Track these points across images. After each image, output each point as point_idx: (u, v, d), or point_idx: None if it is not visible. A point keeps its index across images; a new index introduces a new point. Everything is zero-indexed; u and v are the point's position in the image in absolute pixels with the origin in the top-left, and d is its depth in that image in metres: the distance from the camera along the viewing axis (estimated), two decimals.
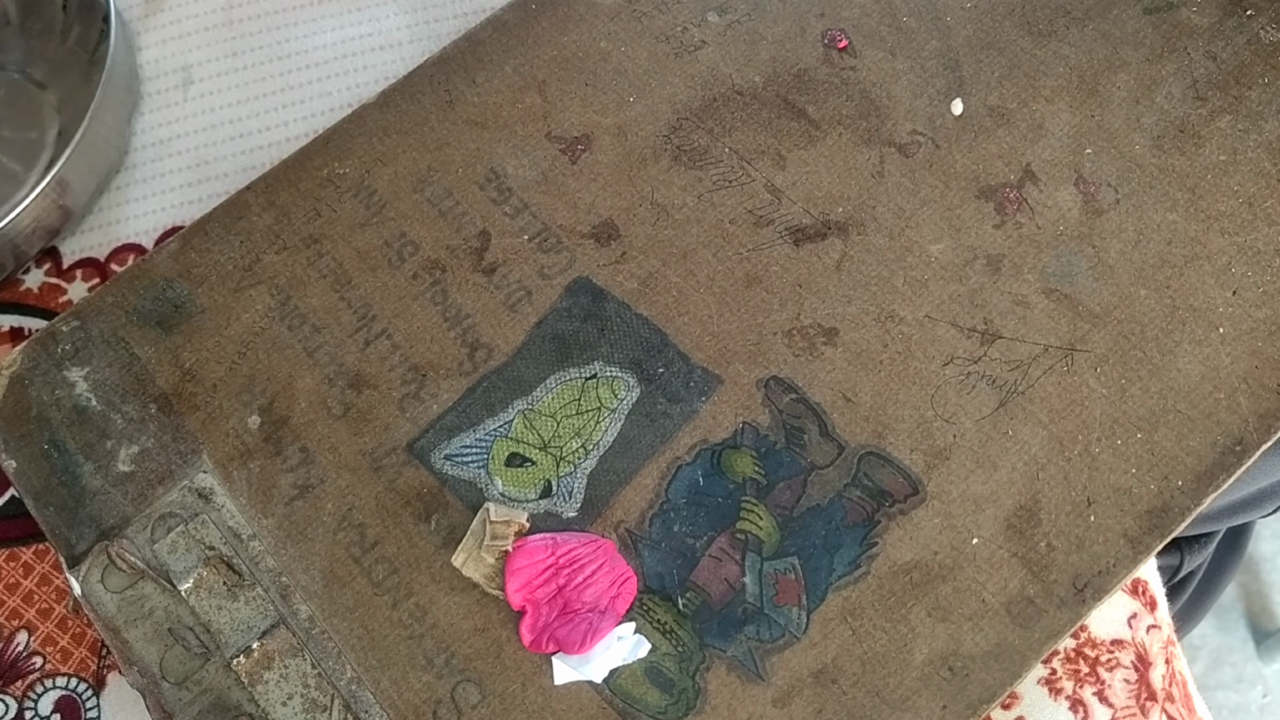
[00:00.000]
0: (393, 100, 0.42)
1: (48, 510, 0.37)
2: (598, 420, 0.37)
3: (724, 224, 0.39)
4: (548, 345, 0.38)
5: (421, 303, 0.39)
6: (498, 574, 0.35)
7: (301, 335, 0.39)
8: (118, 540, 0.36)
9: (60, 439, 0.37)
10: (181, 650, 0.35)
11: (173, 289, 0.40)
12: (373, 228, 0.40)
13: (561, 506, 0.36)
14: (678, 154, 0.41)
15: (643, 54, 0.43)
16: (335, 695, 0.34)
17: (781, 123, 0.41)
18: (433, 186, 0.41)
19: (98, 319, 0.39)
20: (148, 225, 0.45)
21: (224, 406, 0.38)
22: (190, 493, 0.36)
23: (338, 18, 0.48)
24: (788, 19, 0.43)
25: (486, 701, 0.33)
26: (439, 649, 0.34)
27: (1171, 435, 0.35)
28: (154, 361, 0.39)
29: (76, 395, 0.38)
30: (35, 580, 0.39)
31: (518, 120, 0.42)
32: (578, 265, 0.39)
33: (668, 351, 0.38)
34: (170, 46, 0.48)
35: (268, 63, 0.47)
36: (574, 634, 0.33)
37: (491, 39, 0.43)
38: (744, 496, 0.35)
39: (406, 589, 0.35)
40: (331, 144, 0.42)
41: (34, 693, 0.37)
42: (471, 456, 0.37)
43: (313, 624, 0.35)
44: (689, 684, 0.33)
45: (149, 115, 0.47)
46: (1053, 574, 0.34)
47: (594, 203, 0.40)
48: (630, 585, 0.34)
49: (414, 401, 0.37)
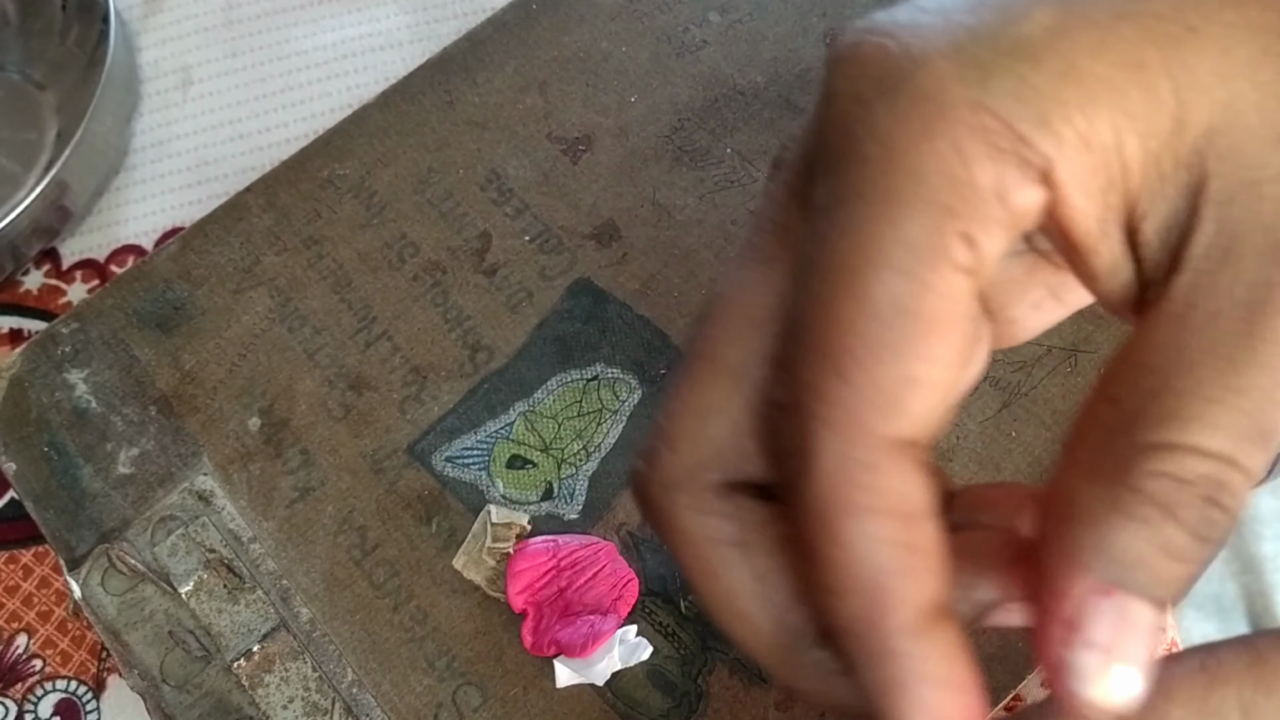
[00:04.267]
0: (393, 100, 0.42)
1: (47, 513, 0.36)
2: (599, 422, 0.37)
3: (726, 225, 0.39)
4: (549, 347, 0.38)
5: (422, 304, 0.39)
6: (499, 576, 0.34)
7: (302, 337, 0.39)
8: (118, 543, 0.36)
9: (60, 441, 0.37)
10: (182, 653, 0.35)
11: (172, 291, 0.40)
12: (373, 229, 0.40)
13: (563, 509, 0.36)
14: (679, 154, 0.41)
15: (644, 54, 0.43)
16: (336, 698, 0.34)
17: (784, 123, 0.41)
18: (433, 187, 0.41)
19: (97, 321, 0.39)
20: (147, 226, 0.45)
21: (224, 409, 0.38)
22: (190, 495, 0.36)
23: (338, 18, 0.48)
24: (790, 19, 0.43)
25: (488, 705, 0.33)
26: (440, 652, 0.34)
27: None
28: (154, 363, 0.38)
29: (76, 397, 0.38)
30: (35, 583, 0.39)
31: (519, 121, 0.42)
32: (579, 266, 0.39)
33: (669, 353, 0.37)
34: (170, 47, 0.48)
35: (268, 63, 0.47)
36: (576, 637, 0.33)
37: (492, 39, 0.43)
38: None
39: (407, 592, 0.35)
40: (331, 145, 0.42)
41: (34, 696, 0.37)
42: (472, 459, 0.36)
43: (314, 627, 0.35)
44: (691, 687, 0.33)
45: (149, 116, 0.46)
46: None
47: (595, 203, 0.40)
48: (632, 588, 0.34)
49: (415, 403, 0.37)
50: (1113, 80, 0.15)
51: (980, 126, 0.15)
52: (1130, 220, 0.16)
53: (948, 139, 0.15)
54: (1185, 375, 0.15)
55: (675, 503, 0.17)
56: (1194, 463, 0.15)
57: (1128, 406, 0.15)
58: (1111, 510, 0.15)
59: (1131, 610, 0.15)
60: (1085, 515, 0.15)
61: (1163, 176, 0.15)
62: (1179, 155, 0.15)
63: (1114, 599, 0.15)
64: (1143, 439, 0.15)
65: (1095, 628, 0.15)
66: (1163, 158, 0.15)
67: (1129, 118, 0.15)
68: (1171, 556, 0.15)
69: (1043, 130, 0.15)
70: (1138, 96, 0.15)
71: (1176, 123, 0.15)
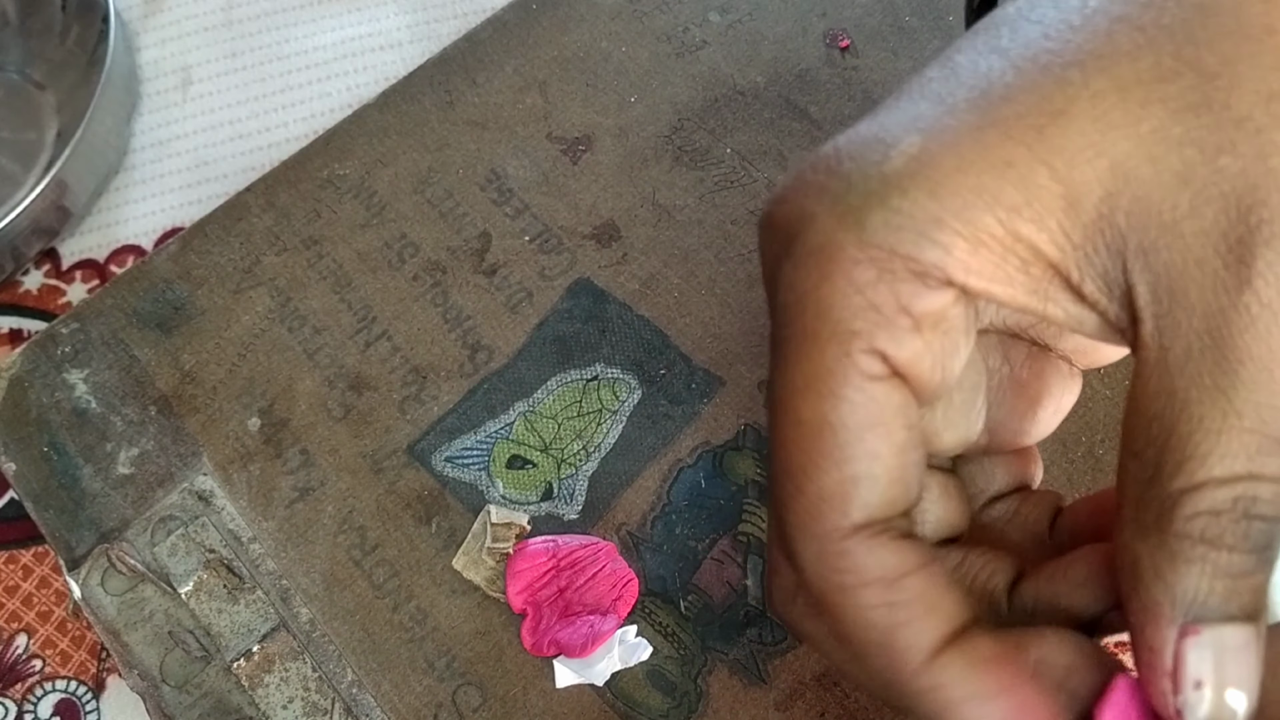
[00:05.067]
0: (393, 101, 0.42)
1: (47, 513, 0.36)
2: (599, 422, 0.37)
3: (726, 225, 0.39)
4: (549, 347, 0.38)
5: (422, 304, 0.39)
6: (499, 577, 0.34)
7: (302, 337, 0.39)
8: (118, 543, 0.36)
9: (60, 441, 0.37)
10: (182, 653, 0.35)
11: (172, 291, 0.40)
12: (373, 229, 0.40)
13: (563, 509, 0.36)
14: (679, 154, 0.41)
15: (644, 54, 0.43)
16: (336, 699, 0.34)
17: (783, 123, 0.41)
18: (433, 187, 0.41)
19: (97, 321, 0.39)
20: (147, 226, 0.45)
21: (224, 409, 0.38)
22: (190, 495, 0.36)
23: (338, 18, 0.48)
24: (789, 19, 0.43)
25: (488, 705, 0.33)
26: (440, 652, 0.34)
27: None
28: (154, 363, 0.38)
29: (76, 397, 0.38)
30: (35, 583, 0.39)
31: (518, 121, 0.42)
32: (579, 266, 0.39)
33: (669, 353, 0.37)
34: (170, 47, 0.48)
35: (267, 63, 0.47)
36: (575, 637, 0.33)
37: (492, 39, 0.43)
38: (746, 499, 0.35)
39: (407, 592, 0.35)
40: (331, 145, 0.42)
41: (33, 696, 0.37)
42: (472, 459, 0.36)
43: (313, 627, 0.35)
44: (691, 687, 0.33)
45: (148, 116, 0.46)
46: None
47: (595, 204, 0.40)
48: (632, 588, 0.34)
49: (415, 403, 0.37)
50: (981, 185, 0.17)
51: (868, 259, 0.17)
52: (1070, 286, 0.17)
53: (842, 276, 0.17)
54: (1186, 416, 0.16)
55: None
56: (1222, 493, 0.16)
57: (1149, 458, 0.17)
58: (1170, 561, 0.17)
59: (1225, 639, 0.17)
60: (1150, 572, 0.17)
61: (1078, 247, 0.17)
62: (1087, 226, 0.17)
63: (1201, 635, 0.17)
64: (1172, 488, 0.17)
65: (1195, 665, 0.17)
66: (1071, 232, 0.17)
67: (1011, 211, 0.17)
68: (1235, 576, 0.16)
69: (924, 244, 0.17)
70: (1013, 191, 0.16)
71: (1068, 200, 0.16)
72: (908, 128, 0.17)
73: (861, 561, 0.17)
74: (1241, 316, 0.16)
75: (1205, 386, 0.16)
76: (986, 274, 0.17)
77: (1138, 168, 0.16)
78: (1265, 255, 0.16)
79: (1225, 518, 0.16)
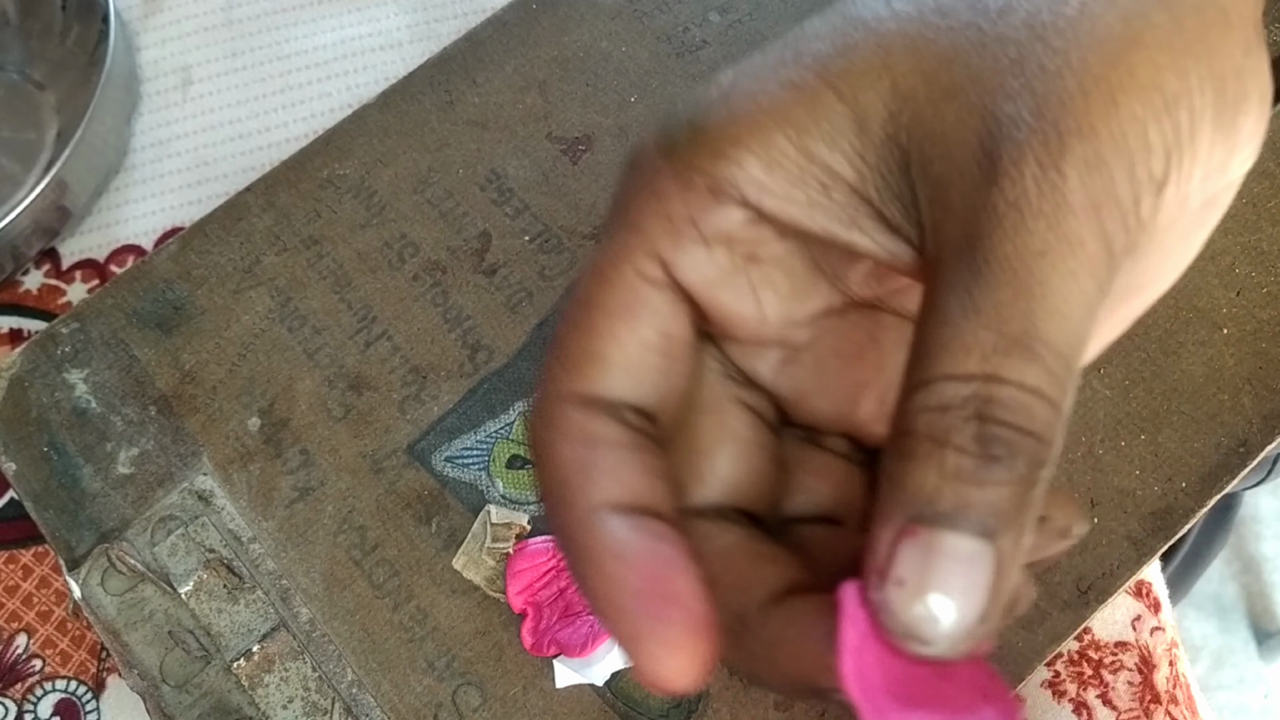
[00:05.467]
0: (393, 101, 0.42)
1: (47, 513, 0.36)
2: None
3: None
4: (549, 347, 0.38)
5: (422, 304, 0.39)
6: (499, 576, 0.34)
7: (302, 337, 0.39)
8: (118, 543, 0.36)
9: (60, 441, 0.37)
10: (182, 653, 0.34)
11: (172, 290, 0.39)
12: (373, 229, 0.40)
13: None
14: None
15: (644, 54, 0.43)
16: (336, 698, 0.34)
17: None
18: (433, 187, 0.41)
19: (97, 321, 0.39)
20: (147, 226, 0.45)
21: (224, 408, 0.38)
22: (190, 495, 0.36)
23: (338, 18, 0.48)
24: (789, 18, 0.43)
25: (488, 705, 0.33)
26: (440, 652, 0.34)
27: (1175, 436, 0.35)
28: (154, 363, 0.38)
29: (76, 397, 0.38)
30: (35, 583, 0.39)
31: (518, 121, 0.42)
32: (579, 266, 0.39)
33: None
34: (169, 47, 0.48)
35: (267, 63, 0.47)
36: (575, 637, 0.33)
37: (492, 39, 0.43)
38: None
39: (407, 592, 0.35)
40: (331, 145, 0.42)
41: (33, 695, 0.37)
42: (472, 458, 0.36)
43: (313, 627, 0.35)
44: None
45: (148, 116, 0.46)
46: (1056, 576, 0.34)
47: (595, 203, 0.40)
48: None
49: (415, 403, 0.37)
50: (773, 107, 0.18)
51: (672, 173, 0.18)
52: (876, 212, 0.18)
53: (649, 189, 0.19)
54: (932, 316, 0.16)
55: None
56: (951, 389, 0.16)
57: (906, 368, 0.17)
58: (898, 458, 0.16)
59: (940, 543, 0.15)
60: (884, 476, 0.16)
61: (873, 168, 0.17)
62: (879, 147, 0.17)
63: (918, 536, 0.15)
64: (905, 385, 0.16)
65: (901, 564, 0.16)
66: (865, 154, 0.17)
67: (801, 130, 0.17)
68: (965, 481, 0.15)
69: (720, 161, 0.18)
70: (802, 112, 0.17)
71: (857, 122, 0.17)
72: (733, 69, 0.19)
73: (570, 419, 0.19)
74: (990, 216, 0.16)
75: (953, 286, 0.16)
76: (782, 193, 0.18)
77: (915, 86, 0.17)
78: (1009, 152, 0.16)
79: (954, 414, 0.15)
